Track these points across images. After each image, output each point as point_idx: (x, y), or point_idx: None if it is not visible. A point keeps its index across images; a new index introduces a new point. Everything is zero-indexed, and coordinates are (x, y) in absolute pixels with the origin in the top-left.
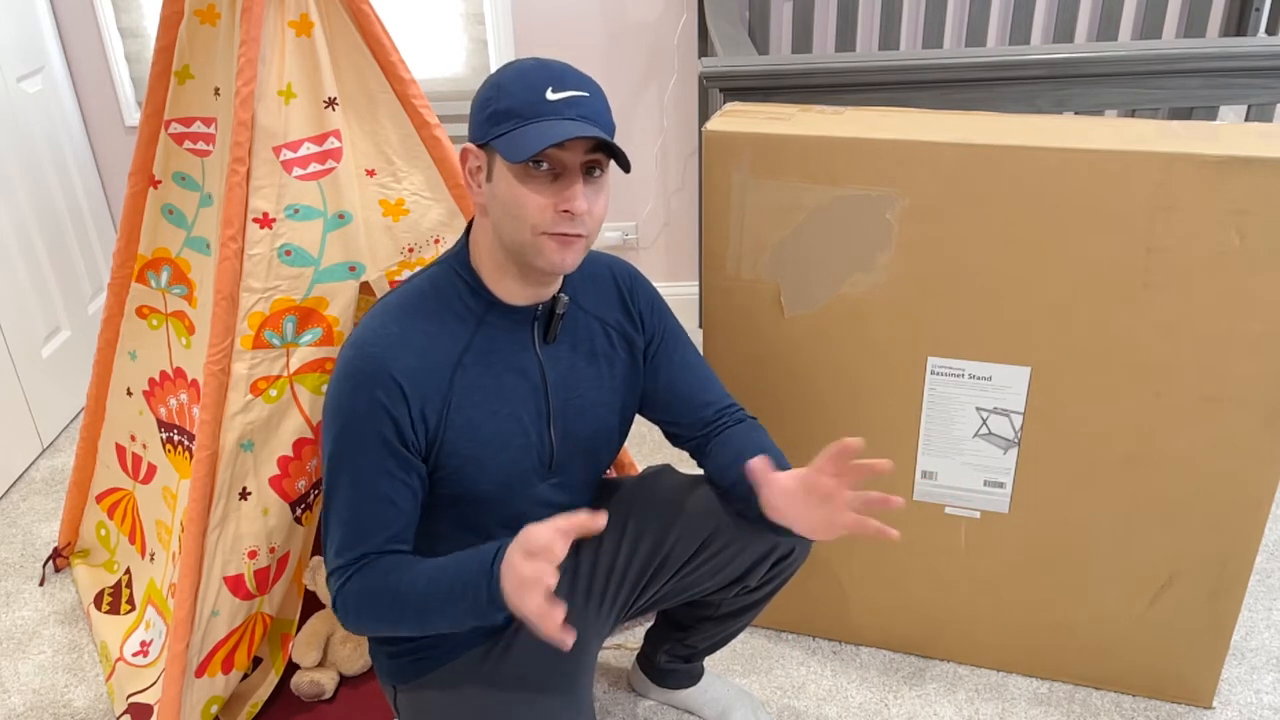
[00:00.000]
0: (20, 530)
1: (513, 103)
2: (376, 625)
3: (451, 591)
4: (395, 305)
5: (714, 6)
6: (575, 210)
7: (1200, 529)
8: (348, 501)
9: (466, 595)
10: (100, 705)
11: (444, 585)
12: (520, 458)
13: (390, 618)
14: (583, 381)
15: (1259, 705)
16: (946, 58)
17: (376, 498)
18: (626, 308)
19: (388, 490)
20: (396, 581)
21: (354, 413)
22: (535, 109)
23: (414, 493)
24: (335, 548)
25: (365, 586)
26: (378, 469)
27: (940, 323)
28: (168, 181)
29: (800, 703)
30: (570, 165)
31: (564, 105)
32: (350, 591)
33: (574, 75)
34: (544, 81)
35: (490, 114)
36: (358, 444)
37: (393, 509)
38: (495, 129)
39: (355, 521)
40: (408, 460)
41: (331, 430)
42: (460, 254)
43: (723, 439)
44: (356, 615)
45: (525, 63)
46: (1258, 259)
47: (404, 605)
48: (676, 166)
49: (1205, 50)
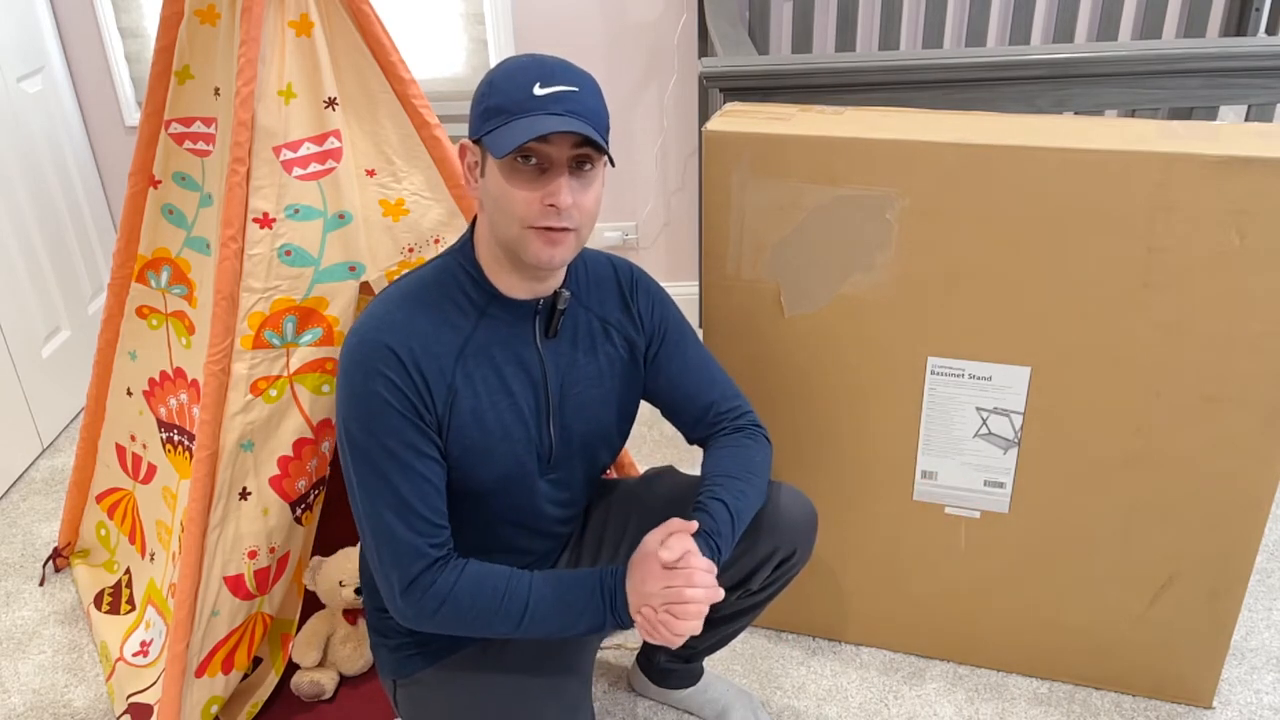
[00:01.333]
0: (20, 530)
1: (502, 99)
2: (463, 628)
3: (567, 606)
4: (398, 295)
5: (714, 6)
6: (559, 204)
7: (1200, 529)
8: (394, 491)
9: (586, 612)
10: (100, 705)
11: (556, 601)
12: (520, 451)
13: (484, 625)
14: (582, 378)
15: (1259, 705)
16: (946, 58)
17: (419, 478)
18: (627, 306)
19: (425, 469)
20: (494, 589)
21: (370, 396)
22: (521, 105)
23: (443, 470)
24: (405, 546)
25: (459, 589)
26: (410, 449)
27: (940, 323)
28: (168, 181)
29: (800, 703)
30: (557, 160)
31: (550, 100)
32: (439, 592)
33: (564, 70)
34: (533, 77)
35: (483, 110)
36: (381, 427)
37: (435, 490)
38: (485, 125)
39: (409, 510)
40: (429, 435)
41: (352, 421)
42: (465, 247)
43: (712, 448)
44: (446, 619)
45: (519, 59)
46: (1258, 259)
47: (506, 614)
48: (676, 166)
49: (1205, 50)
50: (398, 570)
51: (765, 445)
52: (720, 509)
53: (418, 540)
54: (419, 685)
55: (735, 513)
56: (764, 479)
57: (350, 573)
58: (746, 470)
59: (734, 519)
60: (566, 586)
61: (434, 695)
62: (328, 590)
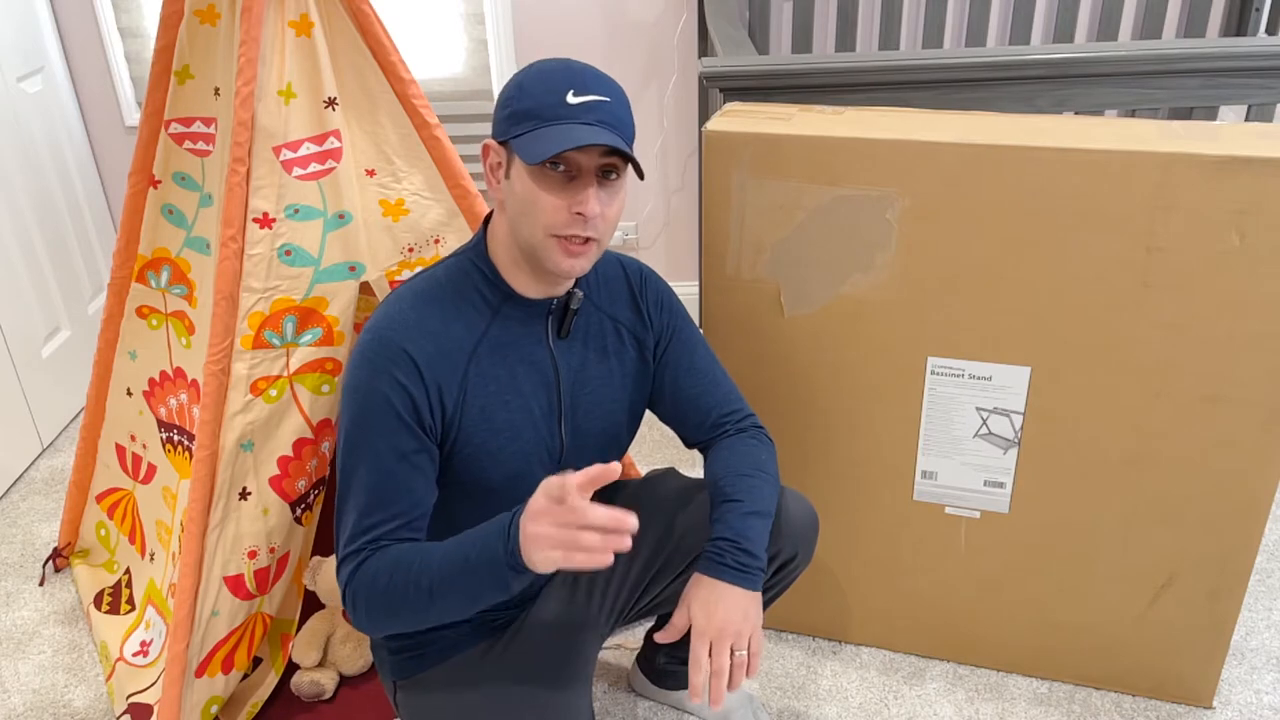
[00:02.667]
0: (20, 530)
1: (533, 104)
2: (387, 614)
3: (467, 561)
4: (411, 293)
5: (714, 6)
6: (588, 213)
7: (1200, 529)
8: (363, 485)
9: (483, 561)
10: (100, 705)
11: (459, 557)
12: (531, 450)
13: (402, 602)
14: (594, 378)
15: (1259, 705)
16: (946, 58)
17: (393, 481)
18: (637, 305)
19: (405, 474)
20: (409, 563)
21: (371, 393)
22: (555, 111)
23: (428, 479)
24: (347, 534)
25: (377, 569)
26: (395, 452)
27: (940, 323)
28: (168, 181)
29: (800, 703)
30: (586, 168)
31: (583, 109)
32: (361, 578)
33: (597, 79)
34: (565, 84)
35: (511, 113)
36: (375, 425)
37: (408, 495)
38: (515, 128)
39: (370, 505)
40: (424, 443)
41: (348, 414)
42: (478, 246)
43: (716, 449)
44: (367, 604)
45: (550, 63)
46: (1258, 259)
47: (416, 586)
48: (676, 166)
49: (1205, 50)
50: (343, 567)
51: (770, 446)
52: (737, 516)
53: (361, 539)
54: (419, 687)
55: (757, 512)
56: (774, 476)
57: None
58: (756, 468)
59: (759, 517)
60: (465, 538)
61: (434, 697)
62: (328, 590)
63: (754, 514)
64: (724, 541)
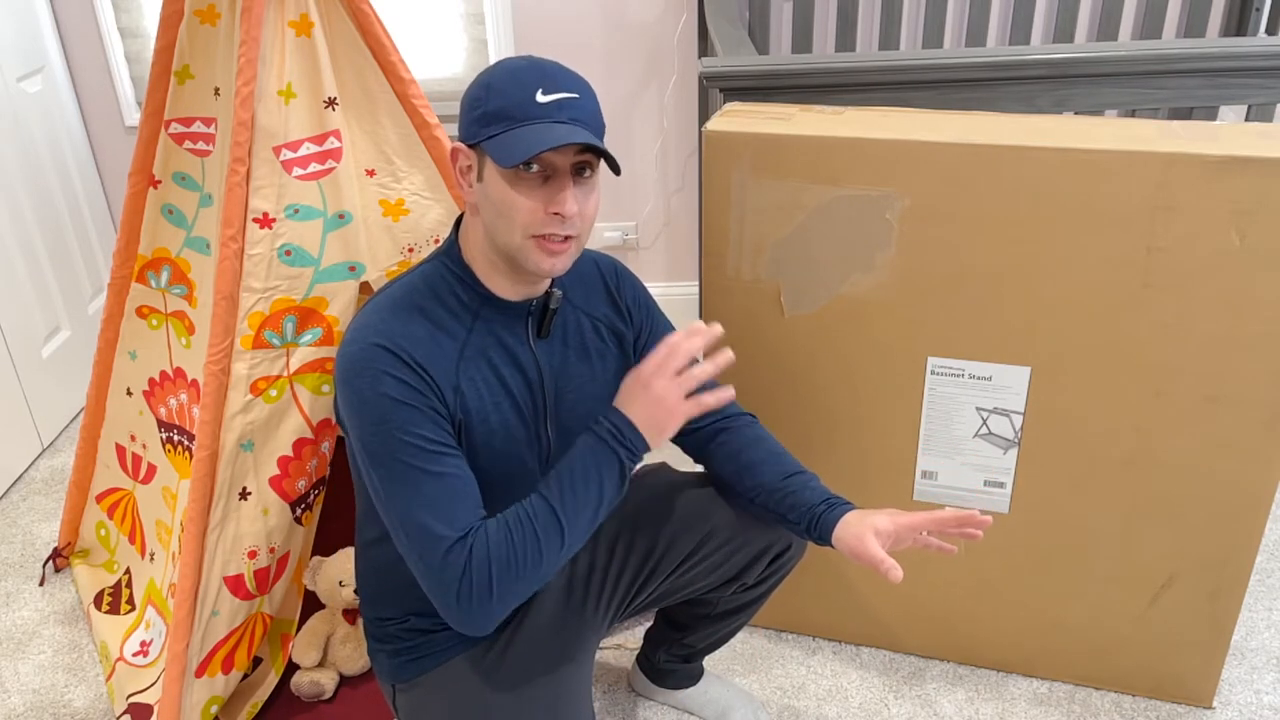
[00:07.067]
0: (20, 530)
1: (503, 104)
2: (531, 567)
3: (586, 472)
4: (388, 303)
5: (714, 6)
6: (566, 213)
7: (1200, 529)
8: (417, 494)
9: (595, 463)
10: (100, 705)
11: (568, 477)
12: (521, 451)
13: (537, 552)
14: (576, 377)
15: (1259, 705)
16: (946, 58)
17: (445, 477)
18: (614, 301)
19: (454, 468)
20: (519, 519)
21: (379, 399)
22: (525, 111)
23: (463, 460)
24: (433, 538)
25: (494, 542)
26: (429, 444)
27: (940, 323)
28: (168, 181)
29: (800, 703)
30: (561, 167)
31: (554, 107)
32: (478, 559)
33: (564, 76)
34: (534, 82)
35: (480, 114)
36: (399, 425)
37: (462, 484)
38: (485, 130)
39: (438, 505)
40: (446, 428)
41: (367, 428)
42: (451, 250)
43: (722, 440)
44: (498, 577)
45: (515, 61)
46: (1258, 259)
47: (544, 528)
48: (676, 166)
49: (1205, 50)
50: (451, 556)
51: (763, 429)
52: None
53: (458, 526)
54: (418, 690)
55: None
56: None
57: (350, 573)
58: (766, 454)
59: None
60: (569, 464)
61: (434, 699)
62: (328, 590)
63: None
64: (825, 500)
